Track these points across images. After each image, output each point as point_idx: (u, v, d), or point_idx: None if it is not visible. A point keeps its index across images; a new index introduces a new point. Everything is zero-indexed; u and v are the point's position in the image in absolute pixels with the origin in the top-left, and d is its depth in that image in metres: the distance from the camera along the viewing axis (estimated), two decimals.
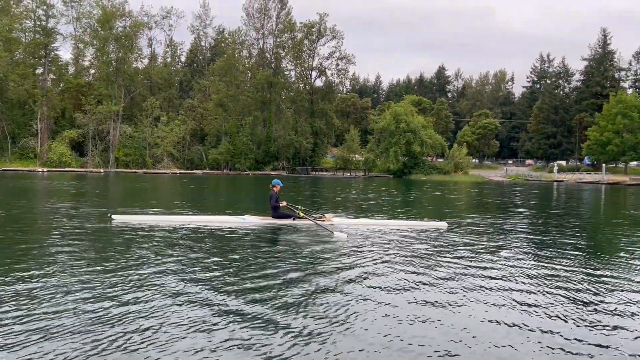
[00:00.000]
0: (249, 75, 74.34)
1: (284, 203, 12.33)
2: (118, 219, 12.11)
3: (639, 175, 72.35)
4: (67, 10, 67.15)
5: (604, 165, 69.16)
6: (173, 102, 74.35)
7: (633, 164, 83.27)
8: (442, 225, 12.80)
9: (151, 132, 64.60)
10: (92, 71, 71.57)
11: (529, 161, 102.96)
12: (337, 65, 73.35)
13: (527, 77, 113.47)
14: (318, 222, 11.80)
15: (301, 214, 12.04)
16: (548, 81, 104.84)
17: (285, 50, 74.14)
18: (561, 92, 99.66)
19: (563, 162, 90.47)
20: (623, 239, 11.75)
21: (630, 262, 8.71)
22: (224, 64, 69.91)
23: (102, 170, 57.76)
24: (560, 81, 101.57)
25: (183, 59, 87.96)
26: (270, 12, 74.03)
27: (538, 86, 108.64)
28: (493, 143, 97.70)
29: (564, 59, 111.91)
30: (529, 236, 11.96)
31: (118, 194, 25.46)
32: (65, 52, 74.61)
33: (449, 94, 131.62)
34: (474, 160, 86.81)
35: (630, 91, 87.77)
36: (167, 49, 78.54)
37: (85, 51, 69.90)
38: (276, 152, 70.34)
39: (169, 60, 79.69)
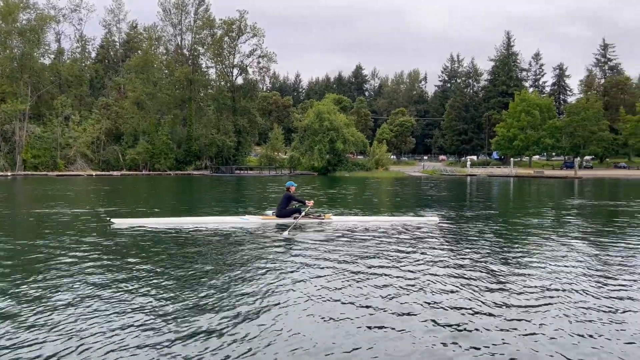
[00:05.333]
0: (166, 72, 72.04)
1: (311, 202, 12.69)
2: (118, 222, 11.82)
3: (541, 168, 78.47)
4: None
5: (512, 159, 74.16)
6: (85, 100, 70.59)
7: (536, 157, 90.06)
8: (433, 219, 13.37)
9: (62, 132, 60.93)
10: None
11: (442, 156, 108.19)
12: (259, 63, 73.05)
13: (439, 77, 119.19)
14: (300, 219, 12.07)
15: (303, 213, 12.26)
16: (458, 80, 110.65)
17: (205, 47, 72.65)
18: (471, 91, 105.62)
19: (474, 157, 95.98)
20: (537, 223, 12.88)
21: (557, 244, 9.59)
22: (139, 60, 67.30)
23: (9, 174, 53.62)
24: (469, 80, 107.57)
25: (94, 54, 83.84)
26: (188, 8, 72.23)
27: (449, 85, 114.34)
28: (409, 140, 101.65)
29: (472, 59, 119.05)
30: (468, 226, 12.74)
31: (44, 198, 23.86)
32: None
33: (367, 93, 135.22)
34: (392, 156, 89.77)
35: (531, 90, 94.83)
36: (77, 44, 74.42)
37: None
38: (198, 151, 68.82)
39: (78, 56, 75.54)
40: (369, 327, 4.82)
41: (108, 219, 12.17)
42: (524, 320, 5.08)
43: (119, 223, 11.73)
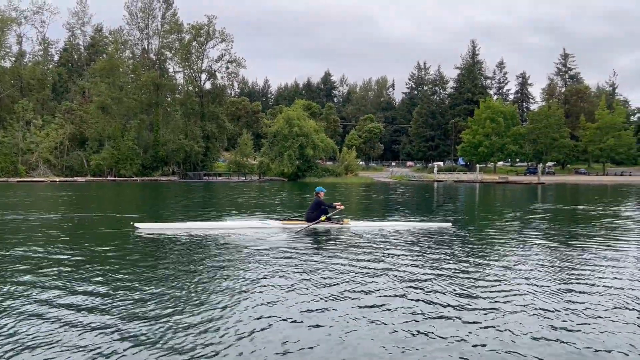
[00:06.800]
0: (132, 76, 70.73)
1: (341, 206, 12.97)
2: (142, 227, 11.98)
3: (505, 174, 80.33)
4: None
5: (477, 165, 75.68)
6: (48, 104, 68.70)
7: (500, 163, 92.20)
8: (447, 225, 13.68)
9: (23, 137, 59.06)
10: None
11: (409, 163, 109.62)
12: (227, 68, 72.53)
13: (406, 84, 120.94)
14: (316, 223, 12.34)
15: (323, 217, 12.44)
16: (425, 88, 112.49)
17: (172, 51, 71.74)
18: (437, 98, 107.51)
19: (441, 163, 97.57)
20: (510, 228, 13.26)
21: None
22: (105, 64, 65.92)
23: None
24: (436, 88, 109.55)
25: (57, 58, 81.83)
26: (155, 12, 71.11)
27: (416, 92, 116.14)
28: (378, 146, 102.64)
29: (439, 67, 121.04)
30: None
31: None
32: None
33: (335, 99, 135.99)
34: (361, 162, 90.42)
35: (495, 98, 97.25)
36: (39, 46, 72.45)
37: None
38: (165, 157, 67.71)
39: (40, 59, 73.50)
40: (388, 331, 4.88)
41: (132, 223, 12.32)
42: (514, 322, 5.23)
43: (143, 228, 11.93)
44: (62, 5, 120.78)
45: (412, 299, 6.00)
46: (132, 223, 12.35)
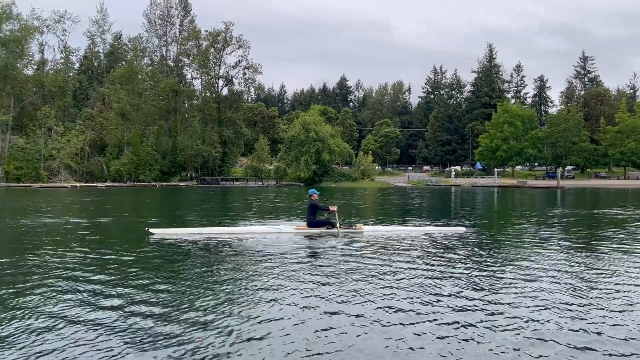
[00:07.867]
0: (150, 83, 71.68)
1: (335, 208, 12.84)
2: (157, 232, 12.11)
3: (524, 178, 79.55)
4: None
5: (495, 169, 75.03)
6: (69, 111, 69.93)
7: (518, 168, 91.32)
8: (461, 230, 13.68)
9: (45, 143, 60.15)
10: None
11: (426, 167, 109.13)
12: (244, 74, 73.11)
13: (423, 88, 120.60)
14: (334, 228, 12.48)
15: (337, 224, 12.53)
16: (442, 92, 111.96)
17: (190, 58, 72.55)
18: (454, 102, 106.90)
19: (458, 168, 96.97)
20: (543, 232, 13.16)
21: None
22: (124, 71, 66.98)
23: None
24: (453, 92, 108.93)
25: (77, 65, 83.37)
26: (173, 20, 72.05)
27: (433, 96, 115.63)
28: (394, 151, 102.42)
29: (456, 71, 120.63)
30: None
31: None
32: None
33: (351, 104, 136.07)
34: (377, 167, 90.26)
35: (513, 101, 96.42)
36: (61, 54, 73.88)
37: None
38: (183, 162, 68.42)
39: (61, 67, 74.89)
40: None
41: (146, 229, 12.43)
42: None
43: (158, 233, 12.07)
44: (83, 14, 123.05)
45: (425, 304, 6.02)
46: (146, 229, 12.43)
